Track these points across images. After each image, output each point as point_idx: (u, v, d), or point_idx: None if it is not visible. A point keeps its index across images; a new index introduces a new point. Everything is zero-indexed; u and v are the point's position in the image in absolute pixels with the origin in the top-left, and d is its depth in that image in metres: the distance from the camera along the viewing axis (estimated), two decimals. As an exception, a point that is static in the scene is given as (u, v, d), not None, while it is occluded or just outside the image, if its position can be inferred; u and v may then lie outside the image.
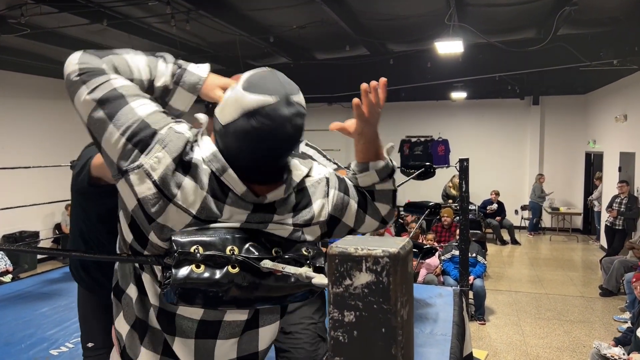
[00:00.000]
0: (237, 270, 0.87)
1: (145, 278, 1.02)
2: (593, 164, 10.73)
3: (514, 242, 10.17)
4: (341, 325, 0.55)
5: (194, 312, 1.01)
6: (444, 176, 9.56)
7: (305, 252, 0.96)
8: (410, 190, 7.10)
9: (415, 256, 4.01)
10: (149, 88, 1.02)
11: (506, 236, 10.20)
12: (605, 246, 8.72)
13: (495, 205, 10.25)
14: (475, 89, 9.79)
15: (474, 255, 5.63)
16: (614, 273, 6.48)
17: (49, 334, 3.30)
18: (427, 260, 5.67)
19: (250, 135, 0.91)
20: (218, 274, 0.86)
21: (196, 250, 0.86)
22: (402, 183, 3.30)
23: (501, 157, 11.51)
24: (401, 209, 5.04)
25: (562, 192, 11.35)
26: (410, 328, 0.57)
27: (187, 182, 0.90)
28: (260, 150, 0.92)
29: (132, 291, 1.06)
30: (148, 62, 1.05)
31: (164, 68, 1.04)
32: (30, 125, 8.38)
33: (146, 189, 0.89)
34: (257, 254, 0.89)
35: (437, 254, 5.65)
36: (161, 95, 1.03)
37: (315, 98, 11.03)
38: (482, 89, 9.98)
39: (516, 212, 11.45)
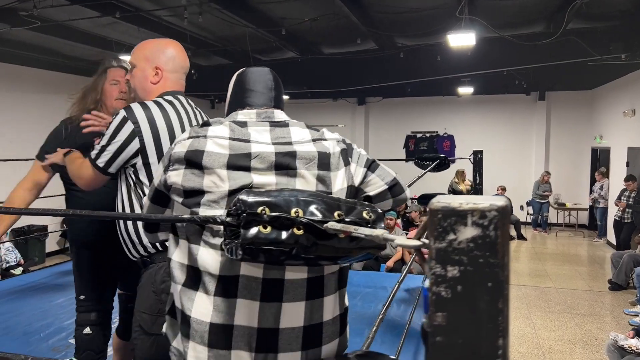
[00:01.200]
0: (301, 231, 0.90)
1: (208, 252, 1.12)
2: (599, 160, 10.72)
3: (520, 237, 10.18)
4: (444, 281, 0.55)
5: (256, 272, 1.09)
6: (450, 171, 9.56)
7: (366, 216, 0.98)
8: (416, 184, 7.10)
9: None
10: None
11: (512, 231, 10.21)
12: (612, 242, 8.73)
13: (502, 201, 10.25)
14: (482, 84, 9.77)
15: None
16: (624, 267, 6.48)
17: (67, 324, 3.31)
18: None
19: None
20: (284, 235, 0.90)
21: (263, 212, 0.89)
22: (420, 177, 3.29)
23: (507, 152, 11.50)
24: (414, 201, 5.02)
25: (568, 188, 11.34)
26: (509, 284, 0.56)
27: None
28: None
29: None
30: None
31: None
32: (37, 119, 8.38)
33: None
34: (320, 216, 0.92)
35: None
36: None
37: (321, 93, 11.03)
38: (488, 84, 9.97)
39: (521, 207, 11.45)
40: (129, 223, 1.76)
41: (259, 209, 0.90)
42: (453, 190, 10.01)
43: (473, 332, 0.54)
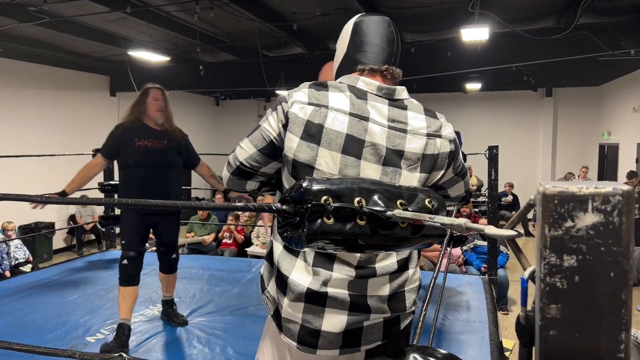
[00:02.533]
0: (364, 222, 0.88)
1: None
2: (607, 156, 10.66)
3: (528, 234, 10.12)
4: (559, 271, 0.51)
5: (352, 256, 1.17)
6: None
7: (429, 205, 0.96)
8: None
9: (447, 244, 3.97)
10: None
11: (520, 228, 10.15)
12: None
13: (510, 197, 10.21)
14: (489, 80, 9.72)
15: (497, 244, 5.59)
16: (635, 264, 6.44)
17: (83, 321, 3.29)
18: (451, 249, 5.64)
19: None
20: (347, 226, 0.88)
21: (327, 202, 0.87)
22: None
23: (514, 149, 11.44)
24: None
25: (575, 185, 11.31)
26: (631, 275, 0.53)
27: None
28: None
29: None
30: None
31: None
32: (44, 115, 8.36)
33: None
34: (383, 205, 0.89)
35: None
36: None
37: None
38: (495, 80, 9.91)
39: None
40: None
41: (323, 199, 0.87)
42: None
43: (592, 325, 0.51)
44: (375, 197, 0.90)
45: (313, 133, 1.16)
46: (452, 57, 7.39)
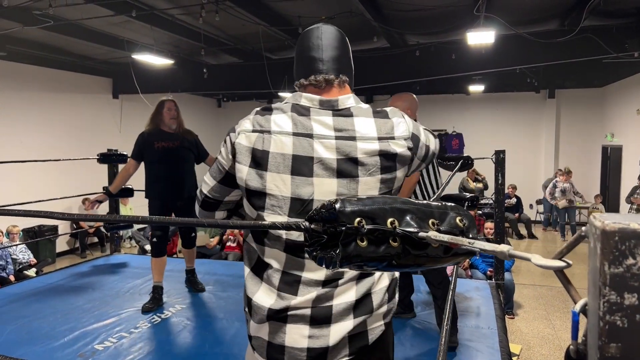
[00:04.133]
0: (397, 243, 0.86)
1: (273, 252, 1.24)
2: (610, 158, 10.65)
3: (531, 236, 10.12)
4: (620, 309, 0.50)
5: (318, 275, 1.21)
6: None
7: (460, 224, 0.94)
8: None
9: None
10: None
11: (523, 230, 10.14)
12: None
13: (514, 200, 10.19)
14: (492, 81, 9.71)
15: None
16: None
17: (90, 328, 3.27)
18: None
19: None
20: (381, 249, 0.87)
21: (361, 224, 0.85)
22: (450, 178, 3.22)
23: (516, 151, 11.40)
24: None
25: (579, 186, 11.27)
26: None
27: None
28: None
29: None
30: None
31: None
32: (48, 118, 8.35)
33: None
34: (415, 226, 0.88)
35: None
36: None
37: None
38: (498, 82, 9.90)
39: (531, 206, 11.39)
40: None
41: (356, 221, 0.85)
42: (464, 188, 9.96)
43: (654, 365, 0.50)
44: (408, 218, 0.89)
45: (259, 160, 1.20)
46: (456, 59, 7.38)
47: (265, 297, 1.23)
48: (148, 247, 7.47)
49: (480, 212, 7.99)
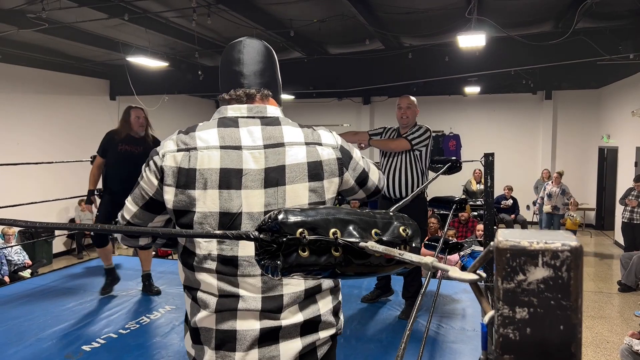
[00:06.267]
0: (339, 253, 0.88)
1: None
2: (607, 159, 10.66)
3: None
4: (512, 322, 0.53)
5: (255, 290, 1.22)
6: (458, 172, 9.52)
7: (403, 233, 0.96)
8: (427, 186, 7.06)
9: (442, 252, 3.98)
10: None
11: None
12: (621, 242, 8.67)
13: (510, 201, 10.21)
14: (488, 83, 9.73)
15: (494, 250, 5.60)
16: (633, 268, 6.44)
17: (79, 330, 3.30)
18: (447, 256, 5.65)
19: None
20: (322, 258, 0.88)
21: (302, 234, 0.87)
22: (431, 180, 3.27)
23: (513, 152, 11.45)
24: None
25: (575, 187, 11.28)
26: (582, 328, 0.54)
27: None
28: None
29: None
30: None
31: None
32: (44, 120, 8.39)
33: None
34: (357, 236, 0.90)
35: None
36: None
37: (326, 93, 11.01)
38: (494, 83, 9.92)
39: (528, 207, 11.40)
40: None
41: (298, 232, 0.87)
42: (466, 190, 9.98)
43: (543, 376, 0.52)
44: (351, 228, 0.91)
45: (186, 178, 1.18)
46: (450, 61, 7.40)
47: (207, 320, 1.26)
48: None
49: (474, 213, 8.01)
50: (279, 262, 0.89)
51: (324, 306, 1.29)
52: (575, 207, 9.33)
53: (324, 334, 1.29)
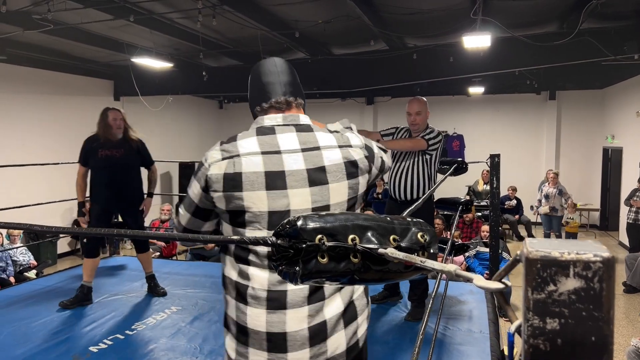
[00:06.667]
0: (358, 259, 0.88)
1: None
2: (611, 159, 10.63)
3: (531, 238, 10.10)
4: (542, 333, 0.53)
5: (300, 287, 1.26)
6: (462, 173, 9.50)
7: (421, 239, 0.96)
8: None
9: (448, 253, 3.98)
10: None
11: (523, 232, 10.13)
12: (625, 243, 8.65)
13: (514, 202, 10.19)
14: (492, 83, 9.71)
15: (499, 251, 5.58)
16: (638, 269, 6.42)
17: (86, 331, 3.31)
18: (452, 258, 5.64)
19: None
20: (342, 265, 0.89)
21: (321, 241, 0.87)
22: (440, 182, 3.25)
23: (517, 152, 11.42)
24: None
25: (579, 188, 11.26)
26: (613, 339, 0.54)
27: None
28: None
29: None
30: None
31: None
32: (50, 121, 8.41)
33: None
34: (376, 242, 0.90)
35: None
36: None
37: (329, 93, 11.00)
38: (498, 84, 9.90)
39: (532, 207, 11.35)
40: None
41: (317, 238, 0.87)
42: (472, 191, 9.97)
43: (574, 387, 0.52)
44: (369, 234, 0.91)
45: (234, 182, 1.27)
46: (454, 62, 7.39)
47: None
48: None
49: (479, 214, 8.00)
50: (297, 268, 0.89)
51: (357, 290, 1.37)
52: (573, 208, 9.07)
53: (361, 319, 1.37)
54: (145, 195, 4.10)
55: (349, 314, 1.33)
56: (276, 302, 1.27)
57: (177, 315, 3.60)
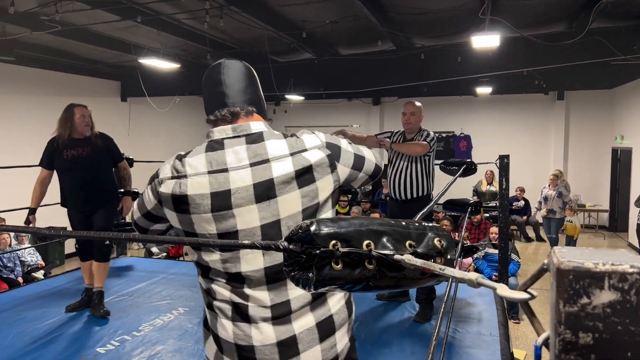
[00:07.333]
0: (373, 265, 0.86)
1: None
2: (620, 160, 10.53)
3: (539, 239, 10.04)
4: (575, 348, 0.50)
5: (264, 298, 1.25)
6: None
7: (438, 244, 0.93)
8: (440, 188, 7.01)
9: (457, 255, 3.94)
10: None
11: (531, 233, 10.06)
12: (635, 244, 8.56)
13: (522, 202, 10.12)
14: (500, 83, 9.64)
15: (508, 253, 5.54)
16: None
17: (93, 332, 3.31)
18: (461, 259, 5.60)
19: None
20: (356, 272, 0.86)
21: (335, 247, 0.85)
22: (450, 184, 3.21)
23: (525, 152, 11.34)
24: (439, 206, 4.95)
25: (588, 189, 11.17)
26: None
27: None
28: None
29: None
30: None
31: None
32: (56, 122, 8.43)
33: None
34: (392, 248, 0.87)
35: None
36: None
37: (336, 93, 10.97)
38: (506, 84, 9.83)
39: (537, 209, 11.28)
40: None
41: (331, 244, 0.85)
42: (476, 191, 9.91)
43: (609, 405, 0.49)
44: (384, 240, 0.88)
45: (181, 205, 1.24)
46: (462, 62, 7.35)
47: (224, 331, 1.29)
48: (155, 249, 7.52)
49: (487, 215, 7.94)
50: (311, 274, 0.87)
51: (335, 304, 1.31)
52: (573, 211, 8.70)
53: (340, 333, 1.32)
54: (121, 194, 3.91)
55: (324, 329, 1.29)
56: (240, 315, 1.25)
57: (184, 316, 3.59)
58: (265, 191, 1.23)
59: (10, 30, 5.88)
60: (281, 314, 1.25)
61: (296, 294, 1.26)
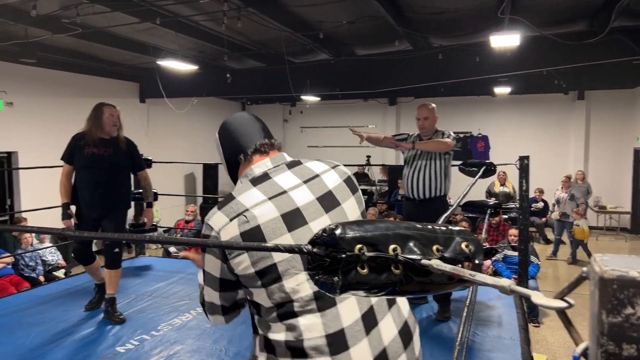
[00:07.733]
0: (400, 270, 0.84)
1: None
2: (642, 161, 10.33)
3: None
4: (618, 360, 0.49)
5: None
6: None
7: (465, 249, 0.90)
8: (455, 187, 6.94)
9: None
10: None
11: (550, 235, 9.91)
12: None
13: (541, 204, 9.97)
14: (518, 83, 9.52)
15: (527, 255, 5.46)
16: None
17: (113, 331, 3.34)
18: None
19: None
20: (382, 276, 0.84)
21: (361, 251, 0.83)
22: (472, 185, 3.16)
23: (543, 153, 11.16)
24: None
25: (609, 190, 10.96)
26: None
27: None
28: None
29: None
30: None
31: None
32: (76, 122, 8.53)
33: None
34: (419, 252, 0.85)
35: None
36: None
37: (352, 94, 10.95)
38: (525, 84, 9.70)
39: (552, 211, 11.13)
40: None
41: (357, 248, 0.83)
42: (489, 193, 9.81)
43: (654, 420, 0.48)
44: (411, 244, 0.87)
45: (254, 239, 1.20)
46: (480, 61, 7.27)
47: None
48: (172, 249, 7.59)
49: (505, 216, 7.84)
50: (336, 279, 0.85)
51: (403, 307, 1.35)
52: (580, 215, 8.43)
53: (416, 337, 1.33)
54: (144, 205, 3.84)
55: (404, 335, 1.28)
56: (338, 345, 1.18)
57: (202, 316, 3.61)
58: (329, 202, 1.29)
59: (32, 33, 5.98)
60: (370, 326, 1.23)
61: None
